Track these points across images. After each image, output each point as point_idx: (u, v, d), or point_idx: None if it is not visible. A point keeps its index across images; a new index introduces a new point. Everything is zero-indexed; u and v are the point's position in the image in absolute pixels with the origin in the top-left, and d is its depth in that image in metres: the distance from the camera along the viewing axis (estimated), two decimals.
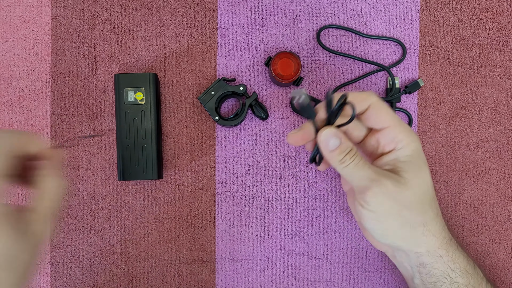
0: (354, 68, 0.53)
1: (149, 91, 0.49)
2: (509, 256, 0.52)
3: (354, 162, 0.37)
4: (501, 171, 0.52)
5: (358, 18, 0.52)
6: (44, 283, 0.52)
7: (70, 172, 0.52)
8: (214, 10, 0.52)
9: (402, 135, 0.39)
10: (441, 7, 0.52)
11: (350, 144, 0.38)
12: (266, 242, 0.53)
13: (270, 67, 0.49)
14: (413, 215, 0.38)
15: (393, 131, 0.39)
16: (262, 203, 0.52)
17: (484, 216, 0.52)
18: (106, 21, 0.52)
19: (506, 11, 0.52)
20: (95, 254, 0.52)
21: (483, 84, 0.52)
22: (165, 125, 0.52)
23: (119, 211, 0.52)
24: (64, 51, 0.52)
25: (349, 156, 0.37)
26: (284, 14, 0.52)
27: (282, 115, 0.53)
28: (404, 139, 0.39)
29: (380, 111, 0.39)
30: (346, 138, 0.38)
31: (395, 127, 0.39)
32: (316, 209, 0.52)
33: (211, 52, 0.52)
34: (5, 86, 0.52)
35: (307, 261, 0.52)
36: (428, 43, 0.52)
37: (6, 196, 0.32)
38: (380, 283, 0.52)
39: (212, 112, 0.50)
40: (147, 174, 0.49)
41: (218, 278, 0.52)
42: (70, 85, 0.52)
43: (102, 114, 0.52)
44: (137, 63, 0.52)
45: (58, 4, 0.52)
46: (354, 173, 0.38)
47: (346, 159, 0.37)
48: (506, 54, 0.52)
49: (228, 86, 0.50)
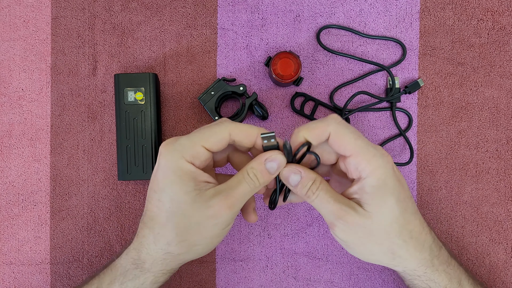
0: (354, 68, 0.53)
1: (149, 91, 0.49)
2: (509, 256, 0.52)
3: (318, 198, 0.37)
4: (501, 171, 0.52)
5: (358, 18, 0.52)
6: (44, 283, 0.52)
7: (70, 172, 0.52)
8: (214, 10, 0.52)
9: (364, 164, 0.36)
10: (441, 7, 0.52)
11: (313, 176, 0.38)
12: (266, 242, 0.53)
13: (270, 67, 0.49)
14: (378, 245, 0.39)
15: (355, 159, 0.37)
16: (262, 203, 0.52)
17: (484, 216, 0.52)
18: (106, 21, 0.52)
19: (506, 11, 0.52)
20: (95, 254, 0.52)
21: (483, 84, 0.52)
22: (165, 125, 0.52)
23: (119, 211, 0.52)
24: (64, 51, 0.52)
25: (312, 190, 0.37)
26: (284, 14, 0.52)
27: (282, 115, 0.53)
28: (366, 167, 0.36)
29: (341, 139, 0.37)
30: (308, 171, 0.38)
31: (358, 155, 0.36)
32: (316, 209, 0.52)
33: (211, 52, 0.52)
34: (5, 86, 0.52)
35: (307, 261, 0.52)
36: (428, 43, 0.53)
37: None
38: (380, 283, 0.52)
39: (212, 112, 0.50)
40: (147, 174, 0.49)
41: (218, 278, 0.52)
42: (70, 85, 0.52)
43: (102, 114, 0.52)
44: (137, 63, 0.52)
45: (58, 4, 0.52)
46: (321, 208, 0.38)
47: (309, 194, 0.38)
48: (506, 54, 0.52)
49: (228, 86, 0.50)
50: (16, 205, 0.52)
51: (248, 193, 0.38)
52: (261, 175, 0.37)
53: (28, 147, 0.52)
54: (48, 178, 0.52)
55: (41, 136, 0.52)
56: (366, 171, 0.36)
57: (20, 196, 0.52)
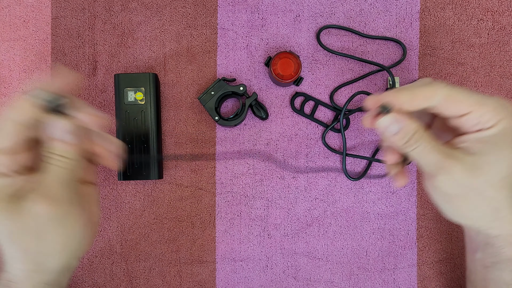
0: (354, 68, 0.53)
1: (149, 91, 0.49)
2: None
3: (420, 148, 0.35)
4: None
5: (358, 18, 0.52)
6: None
7: None
8: (214, 10, 0.52)
9: (488, 115, 0.34)
10: (441, 7, 0.52)
11: (414, 126, 0.35)
12: (266, 242, 0.52)
13: (270, 67, 0.49)
14: (484, 202, 0.36)
15: (476, 114, 0.34)
16: (262, 203, 0.52)
17: None
18: (106, 21, 0.52)
19: (506, 11, 0.52)
20: (95, 254, 0.52)
21: (483, 84, 0.52)
22: (165, 125, 0.52)
23: (119, 211, 0.52)
24: (64, 51, 0.52)
25: (413, 140, 0.35)
26: (284, 14, 0.52)
27: (282, 115, 0.53)
28: (491, 119, 0.34)
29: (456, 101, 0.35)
30: (409, 120, 0.35)
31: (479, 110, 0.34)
32: (316, 209, 0.52)
33: (211, 52, 0.52)
34: (5, 86, 0.52)
35: (307, 261, 0.52)
36: (428, 43, 0.52)
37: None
38: (380, 283, 0.52)
39: (212, 112, 0.50)
40: (147, 174, 0.49)
41: (218, 278, 0.52)
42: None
43: None
44: (137, 63, 0.52)
45: (58, 4, 0.52)
46: (421, 158, 0.36)
47: (410, 144, 0.35)
48: (506, 54, 0.52)
49: (228, 86, 0.50)
50: None
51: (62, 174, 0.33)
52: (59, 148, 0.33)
53: None
54: None
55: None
56: (491, 122, 0.34)
57: None
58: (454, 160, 0.35)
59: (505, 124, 0.34)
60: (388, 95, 0.35)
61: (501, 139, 0.35)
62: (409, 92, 0.35)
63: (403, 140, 0.35)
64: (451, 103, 0.35)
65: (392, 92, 0.35)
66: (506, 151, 0.35)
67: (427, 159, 0.36)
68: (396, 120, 0.35)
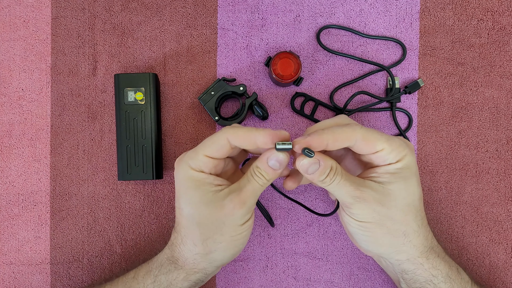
0: (354, 68, 0.53)
1: (149, 91, 0.49)
2: (509, 256, 0.52)
3: (335, 181, 0.39)
4: (501, 171, 0.52)
5: (358, 18, 0.52)
6: (44, 283, 0.52)
7: (70, 172, 0.52)
8: (214, 10, 0.52)
9: (395, 152, 0.39)
10: (441, 7, 0.52)
11: (330, 163, 0.38)
12: (266, 242, 0.52)
13: (270, 67, 0.49)
14: (395, 226, 0.40)
15: (386, 151, 0.39)
16: (262, 203, 0.52)
17: (484, 216, 0.52)
18: (106, 21, 0.52)
19: (506, 11, 0.52)
20: (95, 254, 0.52)
21: (483, 84, 0.52)
22: (165, 125, 0.52)
23: (119, 211, 0.52)
24: (64, 51, 0.52)
25: (330, 177, 0.38)
26: (284, 14, 0.52)
27: (282, 115, 0.53)
28: (398, 155, 0.39)
29: (371, 141, 0.39)
30: (325, 158, 0.38)
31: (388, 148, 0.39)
32: (316, 209, 0.52)
33: (211, 52, 0.52)
34: (5, 86, 0.52)
35: (307, 261, 0.52)
36: (428, 43, 0.52)
37: None
38: (380, 283, 0.52)
39: (212, 112, 0.50)
40: (147, 174, 0.49)
41: (218, 278, 0.52)
42: (70, 85, 0.52)
43: (102, 114, 0.52)
44: (137, 63, 0.52)
45: (58, 4, 0.52)
46: (337, 190, 0.39)
47: (326, 180, 0.39)
48: (506, 54, 0.52)
49: (228, 86, 0.50)
50: (16, 205, 0.52)
51: (258, 189, 0.40)
52: (266, 172, 0.39)
53: (28, 147, 0.52)
54: (48, 178, 0.52)
55: (41, 136, 0.52)
56: (397, 157, 0.39)
57: (20, 196, 0.52)
58: (367, 189, 0.39)
59: (408, 159, 0.39)
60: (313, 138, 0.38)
61: (405, 171, 0.39)
62: (331, 134, 0.38)
63: (321, 177, 0.38)
64: (367, 143, 0.39)
65: (316, 135, 0.38)
66: (409, 180, 0.40)
67: (343, 190, 0.39)
68: (314, 161, 0.38)
